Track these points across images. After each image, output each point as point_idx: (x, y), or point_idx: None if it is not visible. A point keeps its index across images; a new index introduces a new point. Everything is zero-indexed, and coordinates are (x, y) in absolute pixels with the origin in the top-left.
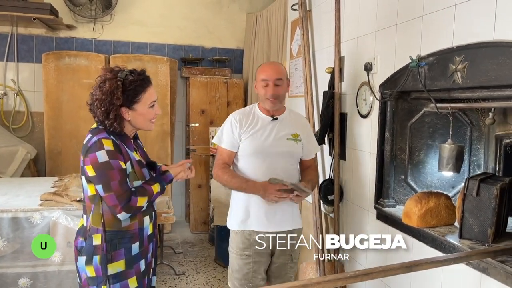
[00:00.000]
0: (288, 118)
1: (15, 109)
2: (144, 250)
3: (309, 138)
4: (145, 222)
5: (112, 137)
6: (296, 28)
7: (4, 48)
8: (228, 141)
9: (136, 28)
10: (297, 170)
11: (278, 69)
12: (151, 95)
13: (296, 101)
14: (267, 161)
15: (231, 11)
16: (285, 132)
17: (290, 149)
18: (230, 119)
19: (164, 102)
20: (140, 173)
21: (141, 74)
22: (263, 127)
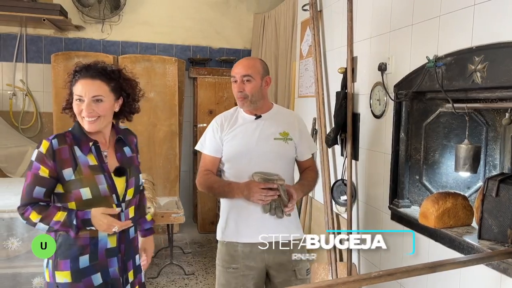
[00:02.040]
0: (275, 116)
1: (24, 109)
2: (98, 264)
3: (303, 137)
4: (100, 233)
5: (56, 140)
6: (306, 28)
7: (13, 48)
8: (211, 147)
9: (144, 28)
10: (292, 173)
11: (248, 65)
12: (78, 88)
13: (306, 101)
14: (253, 163)
15: (239, 12)
16: (271, 130)
17: (278, 149)
18: (212, 123)
19: (172, 102)
20: (90, 179)
21: (84, 66)
22: (246, 127)
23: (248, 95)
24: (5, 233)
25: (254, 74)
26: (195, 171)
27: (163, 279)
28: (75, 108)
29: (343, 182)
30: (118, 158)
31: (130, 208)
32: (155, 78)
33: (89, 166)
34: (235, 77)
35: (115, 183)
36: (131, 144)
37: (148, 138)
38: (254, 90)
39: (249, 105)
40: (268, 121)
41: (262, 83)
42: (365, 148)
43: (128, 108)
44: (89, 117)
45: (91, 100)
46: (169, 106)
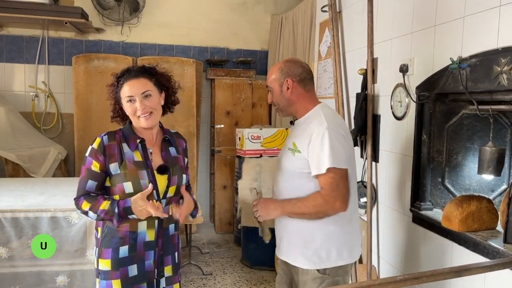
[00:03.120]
0: (302, 124)
1: (46, 110)
2: (136, 256)
3: (310, 150)
4: (140, 227)
5: (107, 137)
6: (325, 29)
7: (36, 51)
8: None
9: (162, 30)
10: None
11: (268, 75)
12: (126, 90)
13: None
14: (274, 175)
15: (256, 13)
16: (290, 140)
17: (283, 161)
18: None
19: (190, 103)
20: (133, 175)
21: (126, 69)
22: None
23: (275, 104)
24: (30, 232)
25: (272, 83)
26: (212, 172)
27: (181, 278)
28: (128, 109)
29: (363, 184)
30: (162, 156)
31: (171, 206)
32: None
33: (133, 162)
34: (267, 86)
35: (156, 180)
36: (179, 146)
37: None
38: (276, 98)
39: (281, 113)
40: (296, 129)
41: (283, 89)
42: (385, 150)
43: (170, 100)
44: (143, 113)
45: (141, 97)
46: (187, 107)
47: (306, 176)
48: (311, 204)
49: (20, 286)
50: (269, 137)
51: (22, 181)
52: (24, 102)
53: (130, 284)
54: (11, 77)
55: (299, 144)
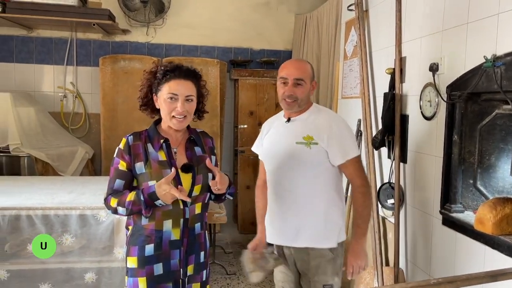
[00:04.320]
0: (307, 119)
1: (74, 110)
2: (162, 254)
3: (333, 140)
4: (165, 225)
5: (132, 137)
6: (351, 28)
7: (64, 52)
8: (260, 151)
9: (186, 31)
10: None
11: (300, 68)
12: (172, 87)
13: (350, 102)
14: (275, 168)
15: (280, 13)
16: (295, 134)
17: (299, 153)
18: (262, 126)
19: (214, 104)
20: (158, 174)
21: (177, 66)
22: (277, 130)
23: (298, 99)
24: (60, 229)
25: (306, 78)
26: (236, 172)
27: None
28: (165, 106)
29: (390, 185)
30: (187, 155)
31: (196, 204)
32: None
33: (158, 161)
34: (286, 78)
35: (180, 179)
36: (205, 145)
37: None
38: (304, 94)
39: (297, 108)
40: (297, 124)
41: (310, 88)
42: (413, 150)
43: (202, 108)
44: (180, 115)
45: (184, 99)
46: (211, 108)
47: (322, 166)
48: (366, 203)
49: (50, 282)
50: None
51: (52, 179)
52: (53, 102)
53: (155, 283)
54: (41, 78)
55: (316, 136)
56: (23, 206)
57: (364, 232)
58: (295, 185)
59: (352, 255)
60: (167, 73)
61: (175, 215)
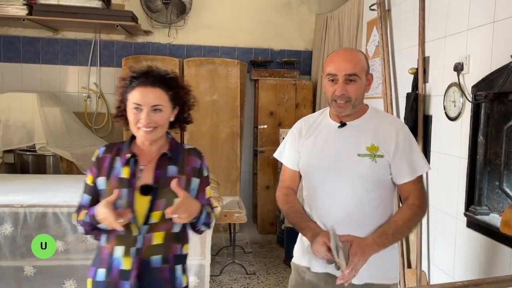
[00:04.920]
0: (366, 124)
1: (97, 110)
2: (111, 283)
3: (400, 152)
4: (116, 251)
5: (104, 148)
6: (372, 28)
7: (88, 53)
8: (289, 157)
9: (207, 32)
10: (383, 202)
11: (352, 60)
12: (137, 96)
13: (372, 102)
14: (326, 185)
15: (300, 13)
16: (356, 144)
17: (358, 168)
18: (293, 128)
19: (234, 104)
20: (113, 192)
21: (144, 72)
22: (326, 137)
23: (352, 99)
24: None
25: (360, 72)
26: (255, 172)
27: (225, 277)
28: (131, 117)
29: None
30: (155, 175)
31: (155, 234)
32: (218, 81)
33: (118, 179)
34: (335, 75)
35: (134, 201)
36: (189, 164)
37: (211, 139)
38: (358, 92)
39: (351, 110)
40: (355, 131)
41: (366, 83)
42: (437, 151)
43: (183, 118)
44: (146, 126)
45: (150, 109)
46: (231, 108)
47: (385, 184)
48: (410, 224)
49: (75, 278)
50: None
51: (76, 178)
52: (77, 102)
53: None
54: (66, 78)
55: (382, 147)
56: (49, 204)
57: (386, 244)
58: (353, 208)
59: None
60: (133, 80)
61: (127, 242)
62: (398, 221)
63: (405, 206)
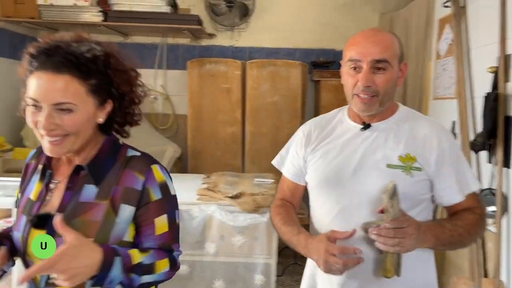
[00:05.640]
0: (400, 128)
1: (163, 112)
2: None
3: (446, 165)
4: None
5: (34, 152)
6: (444, 26)
7: (155, 57)
8: (291, 167)
9: (269, 34)
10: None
11: (382, 42)
12: (32, 88)
13: (443, 103)
14: (344, 204)
15: (363, 12)
16: (385, 151)
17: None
18: (298, 130)
19: (295, 105)
20: (18, 218)
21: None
22: (344, 141)
23: (380, 93)
24: None
25: (392, 58)
26: None
27: (287, 278)
28: (28, 118)
29: (491, 191)
30: (64, 198)
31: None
32: (279, 82)
33: (27, 199)
34: (358, 61)
35: (29, 236)
36: (122, 183)
37: (271, 140)
38: (389, 84)
39: (377, 109)
40: (383, 134)
41: (399, 74)
42: None
43: (122, 117)
44: (49, 135)
45: (52, 108)
46: (292, 109)
47: (424, 203)
48: (475, 229)
49: None
50: None
51: None
52: (144, 104)
53: None
54: None
55: (420, 157)
56: None
57: (441, 239)
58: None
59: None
60: (32, 61)
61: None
62: (457, 221)
63: (465, 211)
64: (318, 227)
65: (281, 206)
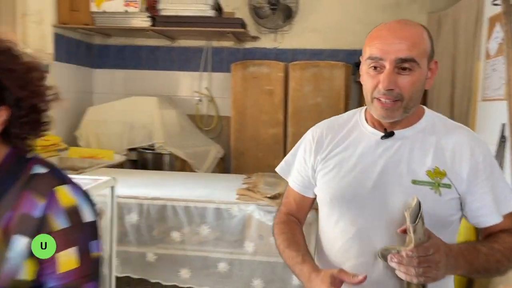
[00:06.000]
0: (427, 137)
1: (207, 113)
2: None
3: (482, 181)
4: None
5: None
6: (494, 24)
7: (200, 60)
8: (298, 176)
9: (312, 35)
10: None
11: (411, 37)
12: None
13: (493, 105)
14: (361, 224)
15: (410, 12)
16: (410, 165)
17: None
18: (307, 134)
19: (338, 107)
20: None
21: None
22: (360, 151)
23: (404, 97)
24: (199, 220)
25: (421, 56)
26: None
27: None
28: None
29: None
30: None
31: None
32: (322, 84)
33: None
34: (380, 59)
35: None
36: (14, 208)
37: None
38: (416, 87)
39: (401, 115)
40: (408, 144)
41: (428, 75)
42: None
43: (20, 127)
44: None
45: None
46: (334, 110)
47: (450, 224)
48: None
49: (189, 268)
50: None
51: (189, 175)
52: (190, 105)
53: None
54: (181, 84)
55: (450, 172)
56: (168, 198)
57: (475, 265)
58: None
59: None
60: None
61: None
62: (493, 244)
63: (503, 233)
64: (328, 250)
65: (285, 223)
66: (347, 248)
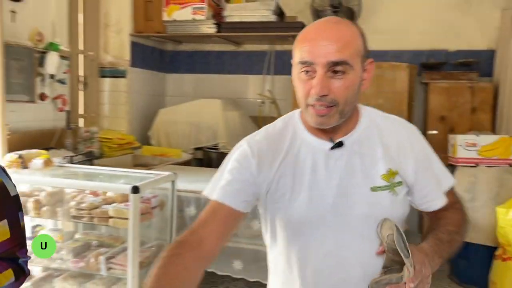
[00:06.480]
0: (371, 138)
1: (270, 115)
2: None
3: (424, 169)
4: None
5: None
6: None
7: (264, 63)
8: (231, 190)
9: (375, 36)
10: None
11: (341, 38)
12: None
13: None
14: (330, 244)
15: (482, 9)
16: (365, 172)
17: (375, 210)
18: (238, 151)
19: (400, 108)
20: None
21: None
22: (314, 168)
23: (339, 102)
24: (251, 214)
25: (353, 57)
26: None
27: None
28: None
29: None
30: None
31: None
32: (385, 85)
33: None
34: (311, 64)
35: None
36: None
37: None
38: (350, 91)
39: (337, 120)
40: (357, 151)
41: (363, 75)
42: None
43: None
44: None
45: None
46: (397, 112)
47: (405, 218)
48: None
49: (242, 260)
50: (488, 145)
51: None
52: (253, 107)
53: None
54: (244, 86)
55: (401, 169)
56: None
57: (444, 256)
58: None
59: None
60: None
61: None
62: (448, 226)
63: (448, 211)
64: (293, 273)
65: (175, 255)
66: (321, 268)
